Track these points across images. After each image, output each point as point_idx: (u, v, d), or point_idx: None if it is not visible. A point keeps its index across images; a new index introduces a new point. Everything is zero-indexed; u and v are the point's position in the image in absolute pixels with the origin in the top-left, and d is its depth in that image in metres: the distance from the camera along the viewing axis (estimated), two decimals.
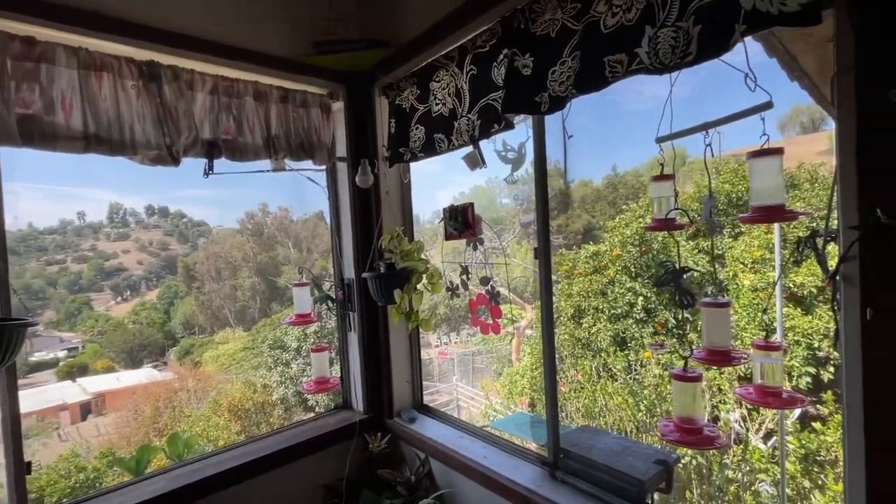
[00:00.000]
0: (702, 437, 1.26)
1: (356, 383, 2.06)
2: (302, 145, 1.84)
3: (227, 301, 23.31)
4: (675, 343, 5.17)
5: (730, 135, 1.57)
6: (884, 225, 0.70)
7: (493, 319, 1.77)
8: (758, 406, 3.29)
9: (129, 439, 11.55)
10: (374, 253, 1.91)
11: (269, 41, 1.75)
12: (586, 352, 5.89)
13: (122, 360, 20.60)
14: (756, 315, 5.04)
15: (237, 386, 12.05)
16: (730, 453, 3.39)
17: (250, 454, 1.74)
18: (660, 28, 1.00)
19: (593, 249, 6.47)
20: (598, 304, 6.00)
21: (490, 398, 7.04)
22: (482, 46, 1.46)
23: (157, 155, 1.49)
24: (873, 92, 0.70)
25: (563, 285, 6.90)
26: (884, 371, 0.73)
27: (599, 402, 4.14)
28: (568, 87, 1.18)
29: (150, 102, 1.47)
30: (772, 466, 3.27)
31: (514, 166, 1.61)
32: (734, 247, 5.86)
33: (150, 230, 31.32)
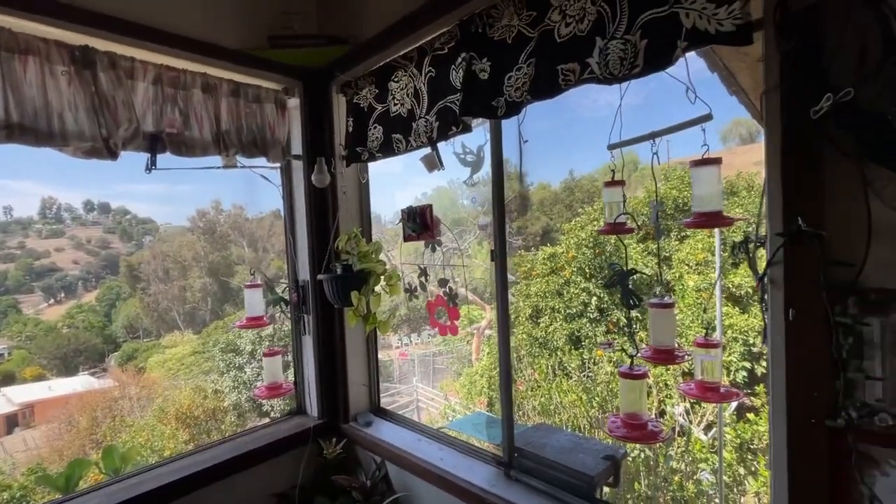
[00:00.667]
0: (646, 433, 1.32)
1: (310, 388, 2.00)
2: (255, 141, 1.77)
3: (176, 303, 22.08)
4: (626, 341, 5.41)
5: (678, 143, 1.65)
6: (805, 232, 0.76)
7: (451, 321, 1.78)
8: (698, 400, 3.50)
9: (62, 453, 10.70)
10: (331, 254, 1.87)
11: (219, 32, 1.67)
12: (543, 351, 6.05)
13: (54, 367, 19.04)
14: (699, 314, 5.36)
15: (186, 392, 11.46)
16: (674, 445, 3.58)
17: (197, 465, 1.65)
18: (609, 40, 1.03)
19: (550, 251, 6.65)
20: (555, 304, 6.16)
21: (449, 398, 7.07)
22: (441, 48, 1.46)
23: (92, 147, 1.39)
24: (796, 110, 0.76)
25: (521, 286, 7.05)
26: (803, 365, 0.79)
27: (555, 400, 4.26)
28: (524, 94, 1.21)
29: (84, 91, 1.37)
30: (711, 456, 3.48)
31: (473, 169, 1.63)
32: (680, 249, 6.20)
33: (88, 227, 29.09)
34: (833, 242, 0.75)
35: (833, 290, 0.75)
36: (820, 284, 0.76)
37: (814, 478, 0.79)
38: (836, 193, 0.75)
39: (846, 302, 0.74)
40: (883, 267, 0.72)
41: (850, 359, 0.74)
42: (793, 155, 0.78)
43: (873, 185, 0.72)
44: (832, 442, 0.77)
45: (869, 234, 0.73)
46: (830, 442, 0.77)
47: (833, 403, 0.76)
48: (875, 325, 0.72)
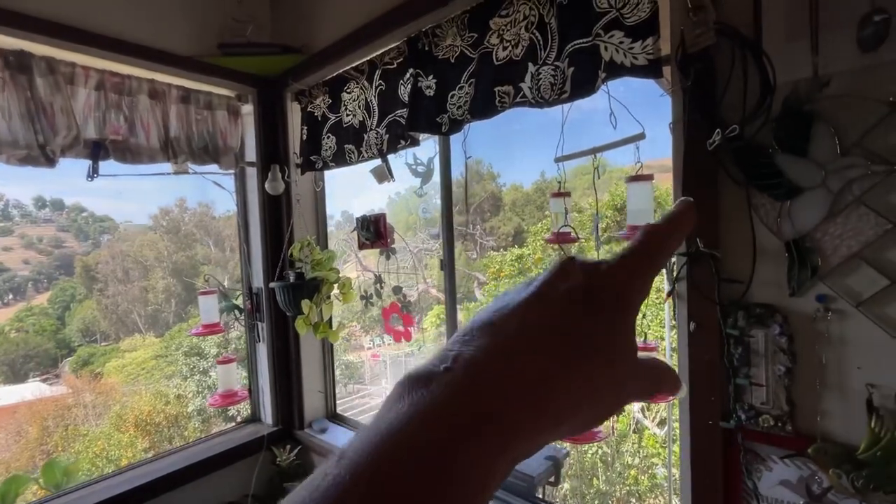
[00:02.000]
0: (587, 434, 1.40)
1: (265, 395, 2.00)
2: (206, 149, 1.76)
3: (137, 304, 21.13)
4: None
5: (649, 148, 1.71)
6: (702, 252, 0.84)
7: (404, 327, 1.82)
8: None
9: (9, 465, 10.13)
10: (284, 262, 1.88)
11: (167, 38, 1.64)
12: None
13: (1, 374, 17.91)
14: (659, 313, 5.59)
15: (146, 398, 11.04)
16: (629, 441, 3.73)
17: (146, 475, 1.63)
18: (541, 66, 1.10)
19: (518, 252, 6.78)
20: None
21: None
22: (390, 63, 1.49)
23: (28, 155, 1.35)
24: (695, 141, 0.84)
25: (490, 286, 7.16)
26: (703, 372, 0.87)
27: None
28: (465, 112, 1.26)
29: (19, 96, 1.33)
30: (664, 450, 3.65)
31: (424, 180, 1.67)
32: None
33: (39, 225, 27.44)
34: (726, 261, 0.84)
35: (725, 305, 0.83)
36: (714, 300, 0.84)
37: (711, 472, 0.87)
38: (729, 217, 0.83)
39: (736, 315, 0.83)
40: (765, 284, 0.80)
41: (740, 366, 0.83)
42: (692, 181, 0.86)
43: (757, 210, 0.80)
44: (726, 441, 0.85)
45: (754, 254, 0.81)
46: (725, 441, 0.85)
47: (726, 406, 0.84)
48: (759, 336, 0.81)
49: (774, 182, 0.78)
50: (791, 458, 0.80)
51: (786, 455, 0.80)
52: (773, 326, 0.80)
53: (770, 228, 0.80)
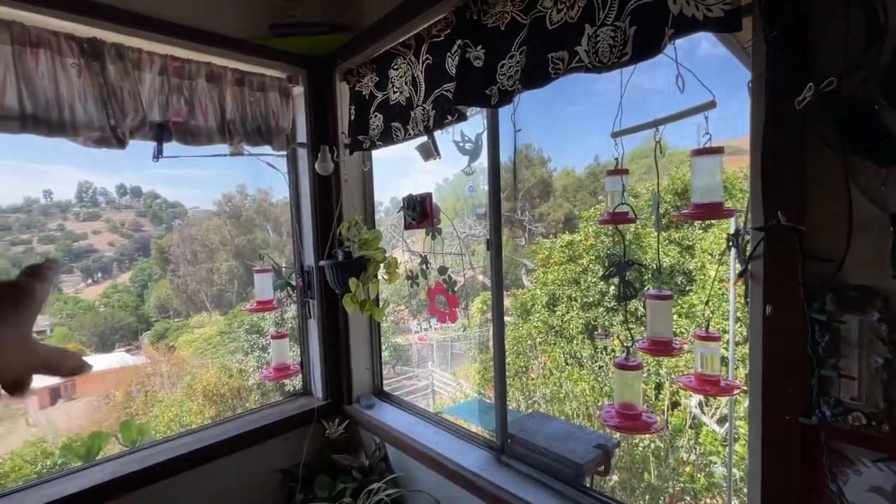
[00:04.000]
0: (639, 423, 1.32)
1: (315, 370, 2.07)
2: (259, 130, 1.81)
3: (204, 284, 22.80)
4: (643, 331, 5.33)
5: (718, 126, 1.58)
6: (784, 227, 0.74)
7: (449, 308, 1.80)
8: (697, 393, 3.44)
9: (101, 424, 11.34)
10: (333, 241, 1.91)
11: (223, 21, 1.69)
12: (559, 339, 6.02)
13: (93, 343, 20.03)
14: (721, 304, 5.22)
15: (212, 371, 11.91)
16: (685, 436, 3.55)
17: (207, 439, 1.74)
18: (599, 27, 1.01)
19: (568, 239, 6.56)
20: (572, 292, 6.11)
21: (461, 383, 7.15)
22: (437, 36, 1.45)
23: (101, 136, 1.45)
24: (780, 100, 0.73)
25: (538, 273, 7.00)
26: (779, 361, 0.78)
27: (565, 389, 4.25)
28: (515, 82, 1.19)
29: (93, 82, 1.42)
30: (723, 449, 3.43)
31: (472, 157, 1.62)
32: (704, 238, 6.02)
33: (121, 210, 30.17)
34: (813, 237, 0.73)
35: (811, 287, 0.73)
36: (797, 280, 0.74)
37: (786, 474, 0.78)
38: (819, 187, 0.73)
39: (824, 298, 0.72)
40: (863, 263, 0.70)
41: (826, 356, 0.73)
42: (775, 146, 0.75)
43: (856, 179, 0.69)
44: (805, 439, 0.75)
45: (850, 229, 0.70)
46: (804, 439, 0.76)
47: (808, 401, 0.75)
48: (852, 323, 0.70)
49: (880, 144, 0.66)
50: (886, 462, 0.70)
51: (880, 458, 0.70)
52: (872, 312, 0.69)
53: (872, 199, 0.68)
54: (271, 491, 1.86)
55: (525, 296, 6.92)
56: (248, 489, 1.81)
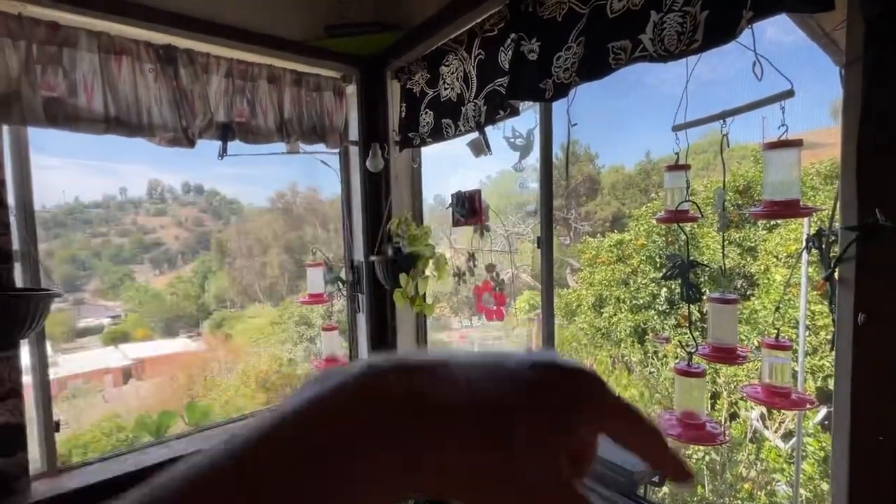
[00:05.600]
0: (703, 433, 1.25)
1: None
2: (314, 129, 1.87)
3: (257, 277, 24.06)
4: (699, 336, 5.04)
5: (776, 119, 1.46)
6: (881, 227, 0.67)
7: (497, 306, 1.78)
8: (764, 406, 3.19)
9: (166, 404, 12.23)
10: (383, 237, 1.94)
11: (282, 24, 1.76)
12: (605, 342, 5.82)
13: (159, 329, 21.69)
14: (787, 311, 4.84)
15: (264, 359, 12.53)
16: (744, 450, 3.32)
17: None
18: (666, 13, 0.95)
19: (617, 238, 6.32)
20: (620, 293, 5.88)
21: None
22: (490, 30, 1.43)
23: (174, 137, 1.55)
24: (879, 85, 0.66)
25: (585, 273, 6.80)
26: (871, 376, 0.70)
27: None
28: (571, 75, 1.15)
29: (167, 85, 1.52)
30: (788, 467, 3.18)
31: (523, 153, 1.59)
32: (768, 239, 5.60)
33: (185, 206, 32.43)
34: None
35: None
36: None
37: (877, 500, 0.70)
38: None
39: None
40: None
41: None
42: (872, 137, 0.68)
43: None
44: None
45: None
46: None
47: None
48: None
49: None
50: None
51: None
52: None
53: None
54: None
55: (570, 296, 6.75)
56: None
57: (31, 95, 1.29)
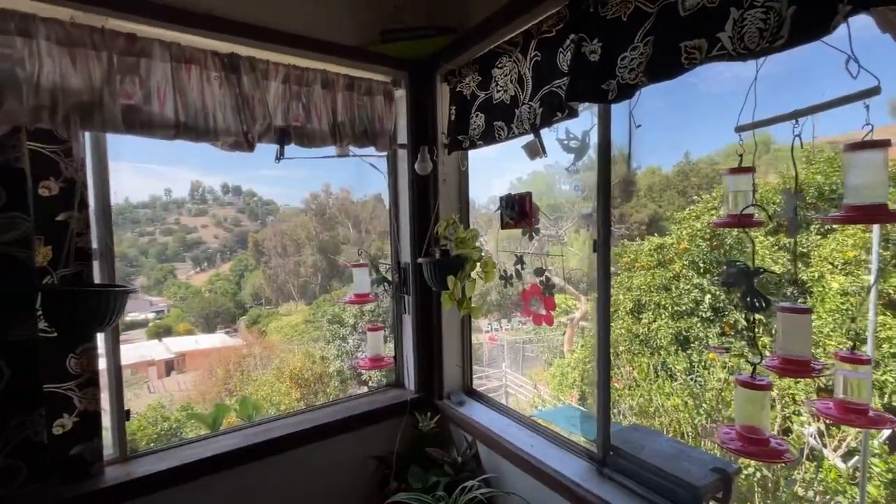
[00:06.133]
0: (767, 450, 1.19)
1: (408, 363, 2.13)
2: (365, 132, 1.90)
3: (291, 276, 24.75)
4: (745, 346, 4.82)
5: (825, 118, 1.42)
6: None
7: (546, 310, 1.76)
8: (838, 423, 3.00)
9: (205, 396, 12.75)
10: (430, 239, 1.95)
11: (337, 30, 1.81)
12: (644, 348, 5.65)
13: (199, 324, 22.66)
14: (844, 322, 4.56)
15: (298, 356, 12.85)
16: (801, 469, 3.14)
17: (312, 421, 1.87)
18: (747, 10, 0.91)
19: (658, 242, 6.13)
20: (661, 299, 5.70)
21: (538, 388, 7.00)
22: (548, 31, 1.41)
23: (235, 141, 1.61)
24: None
25: (622, 278, 6.63)
26: None
27: (655, 402, 3.97)
28: (638, 75, 1.12)
29: (230, 92, 1.58)
30: (850, 488, 2.99)
31: (577, 155, 1.57)
32: (822, 245, 5.29)
33: (224, 207, 33.80)
34: None
35: None
36: None
37: None
38: None
39: None
40: None
41: None
42: None
43: None
44: None
45: None
46: None
47: None
48: None
49: None
50: None
51: None
52: None
53: None
54: (366, 475, 1.96)
55: None
56: (345, 471, 1.92)
57: (111, 104, 1.37)
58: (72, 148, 1.39)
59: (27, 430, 1.32)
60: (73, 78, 1.32)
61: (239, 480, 1.66)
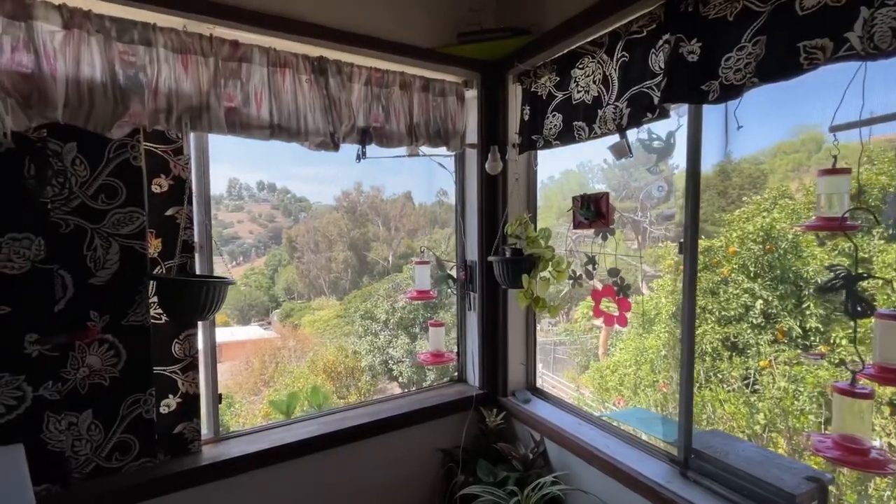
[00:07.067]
0: (867, 460, 1.17)
1: (474, 359, 2.17)
2: (439, 132, 1.94)
3: (323, 272, 25.32)
4: (800, 354, 4.62)
5: None
6: None
7: (620, 312, 1.76)
8: None
9: (242, 385, 13.20)
10: (500, 237, 1.98)
11: (414, 33, 1.85)
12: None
13: (235, 316, 23.52)
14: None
15: (331, 350, 13.11)
16: (873, 484, 3.00)
17: (380, 412, 1.93)
18: (878, 8, 0.89)
19: (705, 244, 5.94)
20: (707, 303, 5.53)
21: (580, 390, 6.93)
22: (638, 31, 1.41)
23: (322, 141, 1.68)
24: None
25: (663, 280, 6.47)
26: None
27: (707, 409, 3.86)
28: (746, 76, 1.11)
29: (319, 94, 1.65)
30: None
31: (661, 156, 1.56)
32: (886, 251, 5.01)
33: (259, 203, 34.93)
34: None
35: None
36: None
37: None
38: None
39: None
40: None
41: None
42: None
43: None
44: None
45: None
46: None
47: None
48: None
49: None
50: None
51: None
52: None
53: None
54: (432, 468, 2.01)
55: (648, 304, 6.45)
56: (412, 462, 1.97)
57: (216, 106, 1.46)
58: (182, 147, 1.49)
59: (140, 409, 1.43)
60: (185, 83, 1.41)
61: (316, 466, 1.74)
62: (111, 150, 1.38)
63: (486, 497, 1.68)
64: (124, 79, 1.31)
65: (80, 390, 1.37)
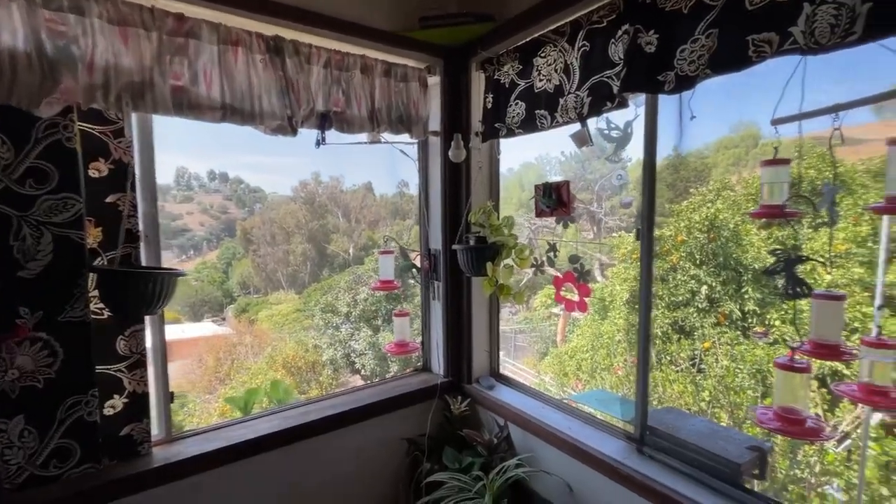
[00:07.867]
0: (805, 429, 1.27)
1: (438, 348, 2.17)
2: (401, 119, 1.91)
3: (281, 265, 24.49)
4: (751, 334, 4.99)
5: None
6: None
7: (580, 297, 1.81)
8: (857, 404, 3.13)
9: (195, 384, 12.62)
10: (464, 226, 1.98)
11: (376, 15, 1.80)
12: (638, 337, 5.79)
13: (185, 313, 22.35)
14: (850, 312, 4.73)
15: (290, 345, 12.76)
16: (802, 451, 3.29)
17: (344, 405, 1.90)
18: (819, 4, 0.95)
19: (656, 234, 6.26)
20: (658, 289, 5.83)
21: (541, 376, 7.14)
22: (598, 22, 1.44)
23: (279, 125, 1.60)
24: None
25: (618, 269, 6.76)
26: None
27: (658, 390, 4.09)
28: (700, 67, 1.16)
29: (275, 75, 1.57)
30: (846, 470, 3.14)
31: (619, 145, 1.60)
32: (814, 238, 5.47)
33: (210, 194, 33.16)
34: None
35: None
36: None
37: None
38: None
39: None
40: None
41: None
42: None
43: None
44: None
45: None
46: None
47: None
48: None
49: None
50: None
51: None
52: None
53: None
54: (399, 457, 2.00)
55: (604, 291, 6.72)
56: (378, 453, 1.96)
57: (161, 84, 1.36)
58: (123, 129, 1.37)
59: (81, 411, 1.33)
60: (125, 57, 1.30)
61: (279, 461, 1.69)
62: (40, 129, 1.25)
63: (452, 483, 1.69)
64: (52, 49, 1.19)
65: (10, 394, 1.24)
